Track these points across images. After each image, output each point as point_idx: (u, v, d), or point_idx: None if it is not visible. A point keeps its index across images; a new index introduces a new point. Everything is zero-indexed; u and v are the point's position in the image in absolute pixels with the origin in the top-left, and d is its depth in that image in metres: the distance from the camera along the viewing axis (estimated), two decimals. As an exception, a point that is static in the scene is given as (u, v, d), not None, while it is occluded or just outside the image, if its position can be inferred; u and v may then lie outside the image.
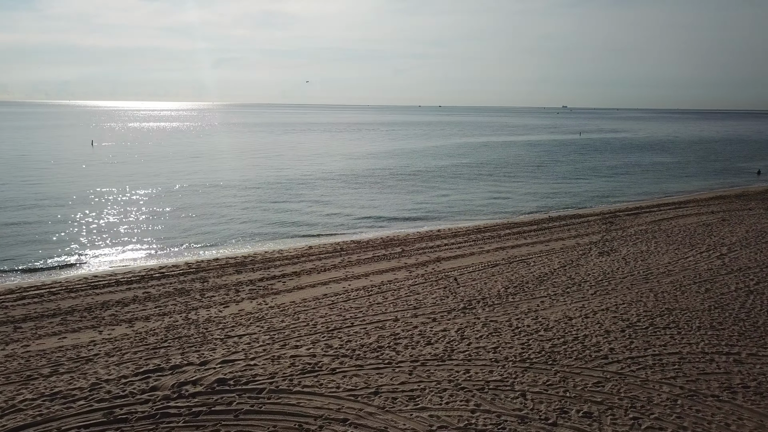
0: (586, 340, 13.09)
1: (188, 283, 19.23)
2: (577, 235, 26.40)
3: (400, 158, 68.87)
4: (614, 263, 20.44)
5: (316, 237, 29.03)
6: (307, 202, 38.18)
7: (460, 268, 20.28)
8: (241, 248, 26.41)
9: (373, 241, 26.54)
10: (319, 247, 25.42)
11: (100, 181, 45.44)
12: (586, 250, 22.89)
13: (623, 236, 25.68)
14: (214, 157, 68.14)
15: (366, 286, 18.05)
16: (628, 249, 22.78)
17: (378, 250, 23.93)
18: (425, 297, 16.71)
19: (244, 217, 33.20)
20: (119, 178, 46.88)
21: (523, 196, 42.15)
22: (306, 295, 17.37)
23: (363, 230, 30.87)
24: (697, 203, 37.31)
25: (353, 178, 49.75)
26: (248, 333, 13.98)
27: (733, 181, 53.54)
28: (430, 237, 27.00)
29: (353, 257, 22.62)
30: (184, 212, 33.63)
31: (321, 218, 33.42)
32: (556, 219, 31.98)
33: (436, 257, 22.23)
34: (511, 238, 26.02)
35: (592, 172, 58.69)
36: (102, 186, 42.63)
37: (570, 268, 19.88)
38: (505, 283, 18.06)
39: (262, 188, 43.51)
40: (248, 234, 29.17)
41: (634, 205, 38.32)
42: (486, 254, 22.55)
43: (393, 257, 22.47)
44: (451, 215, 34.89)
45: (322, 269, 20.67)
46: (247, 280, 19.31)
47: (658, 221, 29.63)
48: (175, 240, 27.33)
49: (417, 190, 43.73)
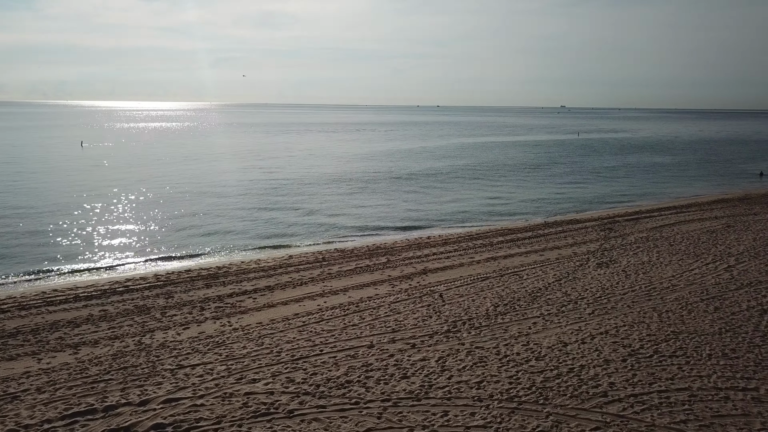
0: (582, 371, 11.57)
1: (151, 299, 17.68)
2: (574, 243, 24.88)
3: (395, 159, 67.34)
4: (614, 276, 18.90)
5: (298, 245, 27.51)
6: (295, 207, 36.63)
7: (447, 282, 18.75)
8: (217, 257, 24.87)
9: (358, 249, 25.01)
10: (299, 256, 23.88)
11: (81, 186, 43.84)
12: (584, 260, 21.36)
13: (623, 244, 24.16)
14: (204, 159, 66.56)
15: (343, 304, 16.51)
16: (629, 259, 21.25)
17: (362, 260, 22.39)
18: (406, 317, 15.17)
19: (229, 223, 31.63)
20: (102, 184, 45.27)
21: (520, 200, 40.63)
22: (276, 314, 15.83)
23: (349, 237, 29.34)
24: (699, 207, 35.80)
25: (346, 181, 48.20)
26: (203, 362, 12.43)
27: (734, 183, 52.06)
28: (418, 245, 25.47)
29: (334, 268, 21.08)
30: (166, 219, 32.05)
31: (307, 224, 31.88)
32: (552, 225, 30.47)
33: (422, 269, 20.69)
34: (504, 246, 24.49)
35: (591, 173, 57.20)
36: (81, 192, 41.04)
37: (566, 282, 18.34)
38: (494, 300, 16.53)
39: (251, 193, 41.94)
40: (229, 242, 27.62)
41: (633, 209, 36.80)
42: (476, 265, 21.01)
43: (377, 268, 20.93)
44: (444, 220, 33.36)
45: (299, 283, 19.13)
46: (215, 296, 17.76)
47: (659, 227, 28.12)
48: (150, 249, 25.76)
49: (410, 194, 42.20)
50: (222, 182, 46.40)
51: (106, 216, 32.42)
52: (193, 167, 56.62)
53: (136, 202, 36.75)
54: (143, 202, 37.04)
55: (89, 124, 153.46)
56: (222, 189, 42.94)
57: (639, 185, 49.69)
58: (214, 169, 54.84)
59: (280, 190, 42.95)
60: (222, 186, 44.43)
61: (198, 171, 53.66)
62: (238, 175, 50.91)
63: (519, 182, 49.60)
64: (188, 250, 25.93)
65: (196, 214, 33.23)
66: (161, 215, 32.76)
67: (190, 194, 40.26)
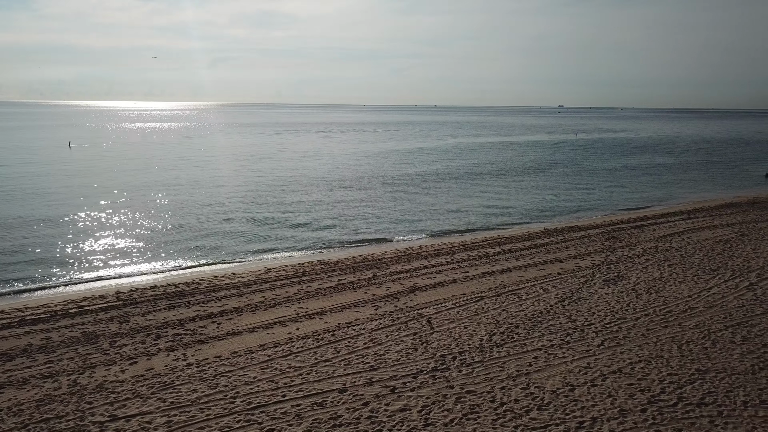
0: (595, 426, 9.59)
1: (104, 323, 15.68)
2: (577, 254, 22.92)
3: (390, 161, 65.38)
4: (623, 296, 16.94)
5: (279, 256, 25.52)
6: (283, 212, 34.58)
7: (437, 303, 16.77)
8: (189, 271, 22.87)
9: (343, 261, 23.01)
10: (278, 269, 21.87)
11: (60, 190, 41.80)
12: (589, 276, 19.40)
13: (630, 257, 22.21)
14: (193, 161, 64.47)
15: (317, 332, 14.52)
16: (638, 275, 19.29)
17: (345, 275, 20.40)
18: (388, 349, 13.19)
19: (210, 231, 29.57)
20: (83, 187, 43.24)
21: (518, 204, 38.66)
22: (239, 344, 13.83)
23: (336, 246, 27.38)
24: (708, 213, 33.87)
25: (338, 185, 46.18)
26: (142, 412, 10.45)
27: (741, 185, 50.16)
28: (408, 257, 23.47)
29: (313, 285, 19.09)
30: (141, 228, 29.99)
31: (294, 232, 29.88)
32: (552, 232, 28.52)
33: (411, 286, 18.70)
34: (502, 259, 22.51)
35: (591, 175, 55.25)
36: (59, 197, 39.01)
37: (570, 303, 16.37)
38: (490, 326, 14.55)
39: (238, 198, 39.89)
40: (208, 252, 25.62)
41: (638, 214, 34.87)
42: (470, 282, 19.03)
43: (360, 285, 18.94)
44: (437, 227, 31.38)
45: (272, 303, 17.13)
46: (175, 320, 15.76)
47: (667, 236, 26.17)
48: (119, 261, 23.74)
49: (404, 198, 40.20)
50: (208, 186, 44.37)
51: (75, 226, 30.36)
52: (178, 171, 54.52)
53: (112, 210, 34.70)
54: (119, 209, 34.99)
55: (82, 125, 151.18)
56: (207, 194, 40.92)
57: (642, 188, 47.76)
58: (201, 173, 52.68)
59: (269, 194, 40.89)
60: (208, 190, 42.41)
61: (184, 175, 51.58)
62: (226, 179, 48.88)
63: (517, 185, 47.63)
64: (160, 262, 23.93)
65: (175, 222, 31.21)
66: (137, 223, 30.73)
67: (172, 200, 38.23)
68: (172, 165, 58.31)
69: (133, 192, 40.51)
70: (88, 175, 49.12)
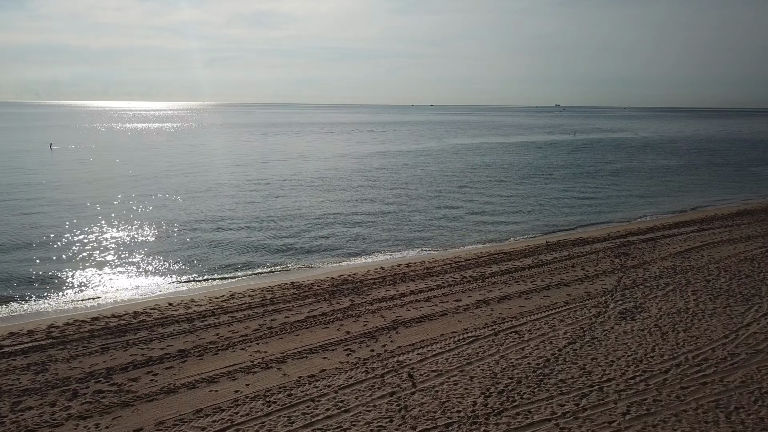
0: None
1: (17, 373, 12.85)
2: (585, 276, 20.14)
3: (383, 165, 62.63)
4: (645, 335, 14.15)
5: (250, 275, 22.70)
6: (265, 222, 31.65)
7: (422, 345, 13.97)
8: (142, 296, 20.05)
9: (319, 284, 20.20)
10: (243, 295, 19.06)
11: (23, 202, 38.94)
12: (601, 306, 16.62)
13: (646, 279, 19.44)
14: (178, 165, 61.59)
15: (271, 390, 11.69)
16: (659, 305, 16.51)
17: (318, 303, 17.59)
18: (355, 420, 10.37)
19: (180, 245, 26.68)
20: (50, 197, 40.37)
21: (516, 212, 35.86)
22: (170, 409, 11.01)
23: (316, 262, 24.63)
24: (723, 222, 31.17)
25: (326, 190, 43.38)
26: None
27: (750, 189, 47.49)
28: (394, 278, 20.67)
29: (279, 318, 16.27)
30: (106, 242, 27.04)
31: (272, 245, 27.05)
32: (555, 246, 25.76)
33: (393, 320, 15.89)
34: (499, 282, 19.72)
35: (594, 178, 52.49)
36: (22, 209, 36.14)
37: (582, 346, 13.58)
38: (485, 383, 11.74)
39: (218, 206, 37.01)
40: (172, 270, 22.84)
41: (647, 224, 32.13)
42: (463, 314, 16.23)
43: (334, 318, 16.13)
44: (429, 239, 28.60)
45: (225, 344, 14.31)
46: (103, 369, 12.93)
47: (684, 252, 23.42)
48: (68, 285, 20.88)
49: (394, 205, 37.40)
50: (189, 193, 41.46)
51: (28, 243, 27.47)
52: (161, 179, 51.60)
53: (74, 223, 31.80)
54: (83, 223, 32.09)
55: (73, 125, 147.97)
56: (187, 202, 38.03)
57: (648, 192, 45.04)
58: (184, 180, 49.59)
59: (252, 202, 37.92)
60: (188, 197, 39.52)
61: (165, 180, 48.62)
62: (209, 184, 45.94)
63: (515, 191, 44.83)
64: (116, 283, 21.12)
65: (146, 235, 28.27)
66: (99, 238, 27.82)
67: (147, 211, 35.34)
68: (154, 172, 55.44)
69: (103, 201, 37.63)
70: (60, 184, 46.22)
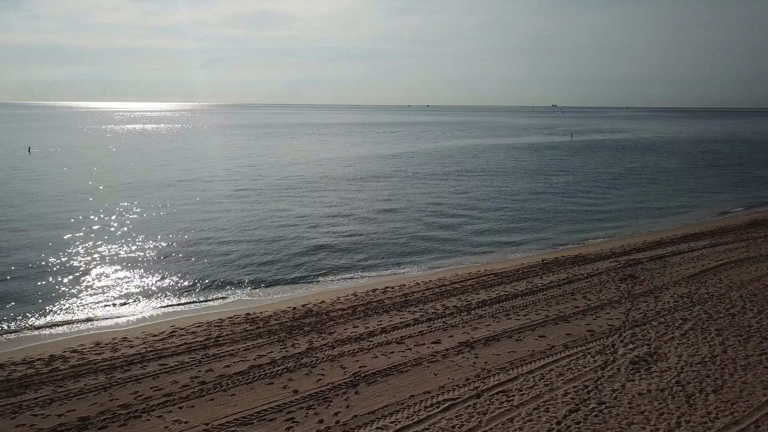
0: None
1: None
2: (587, 307, 17.28)
3: (373, 168, 59.77)
4: (667, 400, 11.27)
5: (203, 302, 19.82)
6: (237, 238, 28.61)
7: (385, 414, 11.09)
8: (72, 330, 17.22)
9: (278, 316, 17.33)
10: (186, 331, 16.25)
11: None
12: (608, 351, 13.75)
13: (659, 312, 16.58)
14: (160, 172, 58.58)
15: (174, 490, 8.81)
16: (678, 351, 13.64)
17: (270, 346, 14.71)
18: None
19: (134, 264, 23.75)
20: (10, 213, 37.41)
21: (509, 222, 32.98)
22: None
23: (280, 284, 21.86)
24: (737, 235, 28.38)
25: (308, 198, 40.49)
26: None
27: (757, 195, 44.79)
28: (366, 308, 17.80)
29: (217, 367, 13.37)
30: (43, 268, 24.02)
31: (238, 262, 24.27)
32: (552, 265, 22.94)
33: (354, 372, 12.98)
34: (486, 315, 16.84)
35: (593, 183, 49.67)
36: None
37: (588, 417, 10.69)
38: (460, 479, 8.85)
39: (185, 220, 34.10)
40: (115, 295, 20.08)
41: (652, 236, 29.34)
42: (441, 364, 13.33)
43: (284, 370, 13.22)
44: (412, 255, 25.74)
45: (141, 409, 11.41)
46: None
47: (699, 275, 20.58)
48: (14, 314, 18.00)
49: (379, 215, 34.49)
50: (162, 203, 38.54)
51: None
52: (132, 188, 48.53)
53: (14, 239, 28.88)
54: (25, 237, 29.17)
55: (63, 127, 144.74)
56: (153, 213, 35.09)
57: (650, 198, 42.27)
58: (162, 194, 46.23)
59: (227, 213, 34.74)
60: (156, 207, 36.60)
61: (136, 191, 45.56)
62: (187, 192, 43.00)
63: (509, 198, 41.94)
64: (45, 317, 18.20)
65: (93, 257, 25.16)
66: (40, 260, 24.85)
67: (104, 226, 32.40)
68: (129, 182, 52.47)
69: (56, 215, 34.67)
70: (21, 197, 43.24)
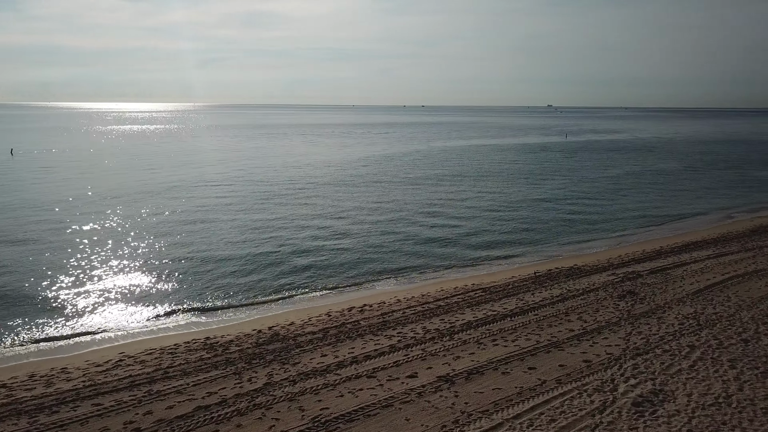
0: None
1: None
2: (582, 330, 15.57)
3: (363, 172, 58.06)
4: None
5: (160, 326, 18.02)
6: (205, 250, 26.64)
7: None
8: (14, 356, 15.50)
9: (240, 342, 15.59)
10: (135, 360, 14.53)
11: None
12: (607, 389, 12.01)
13: (662, 337, 14.88)
14: (142, 180, 56.61)
15: None
16: (688, 389, 11.92)
17: (224, 380, 12.94)
18: None
19: (97, 281, 21.92)
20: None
21: (501, 231, 31.20)
22: None
23: (252, 298, 20.17)
24: (741, 243, 26.79)
25: (292, 205, 38.72)
26: None
27: (759, 199, 43.20)
28: (338, 332, 16.05)
29: (158, 409, 11.59)
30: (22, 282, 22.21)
31: (207, 276, 22.49)
32: (545, 279, 21.27)
33: (315, 416, 11.17)
34: (471, 339, 15.11)
35: (589, 186, 48.02)
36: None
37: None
38: None
39: (158, 231, 32.19)
40: (71, 314, 18.31)
41: (651, 245, 27.70)
42: (415, 403, 11.58)
43: (233, 412, 11.43)
44: (396, 267, 24.01)
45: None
46: None
47: (705, 291, 18.91)
48: None
49: (364, 224, 32.75)
50: (135, 212, 36.69)
51: None
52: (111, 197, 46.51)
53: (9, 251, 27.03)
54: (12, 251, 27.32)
55: (55, 128, 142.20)
56: (126, 224, 33.25)
57: (649, 202, 40.65)
58: (144, 204, 43.49)
59: (205, 223, 32.56)
60: (129, 217, 34.76)
61: (115, 201, 43.64)
62: (165, 200, 41.12)
63: (501, 203, 40.19)
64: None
65: (56, 273, 23.34)
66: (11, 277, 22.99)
67: (72, 240, 30.55)
68: (109, 189, 50.54)
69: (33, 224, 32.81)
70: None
